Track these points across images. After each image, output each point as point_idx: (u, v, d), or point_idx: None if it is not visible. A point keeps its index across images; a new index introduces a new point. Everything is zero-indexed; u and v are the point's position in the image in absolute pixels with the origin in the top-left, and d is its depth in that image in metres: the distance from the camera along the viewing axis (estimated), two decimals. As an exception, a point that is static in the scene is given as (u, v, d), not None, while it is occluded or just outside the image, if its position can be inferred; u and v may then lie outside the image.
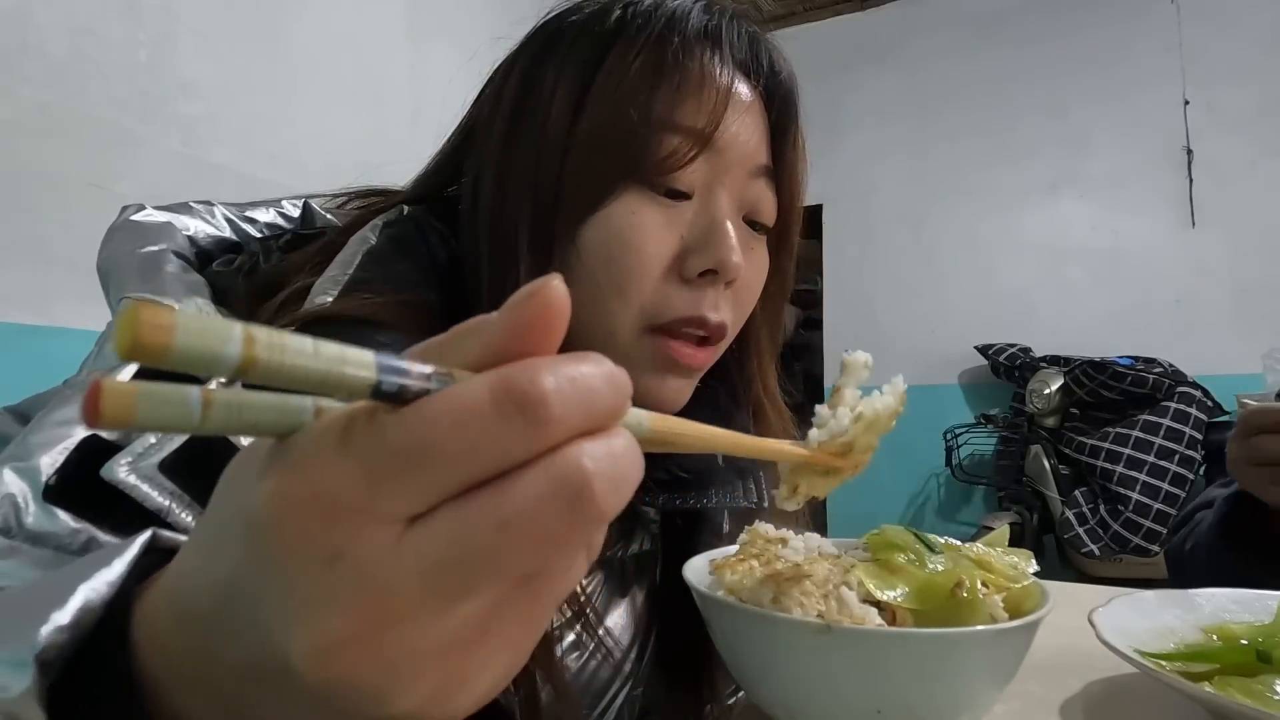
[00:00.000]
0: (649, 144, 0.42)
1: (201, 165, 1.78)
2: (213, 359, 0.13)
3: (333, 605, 0.15)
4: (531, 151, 0.43)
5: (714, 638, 0.40)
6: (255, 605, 0.16)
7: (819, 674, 0.35)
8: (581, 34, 0.45)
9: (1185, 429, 2.49)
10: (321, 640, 0.15)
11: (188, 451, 0.33)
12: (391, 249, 0.43)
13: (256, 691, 0.17)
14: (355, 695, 0.16)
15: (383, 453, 0.15)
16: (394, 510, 0.15)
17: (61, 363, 0.47)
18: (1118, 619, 0.44)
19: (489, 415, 0.15)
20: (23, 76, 1.47)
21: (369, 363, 0.15)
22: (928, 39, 3.42)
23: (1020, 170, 3.23)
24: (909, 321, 3.37)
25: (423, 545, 0.15)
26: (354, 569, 0.15)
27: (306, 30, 2.07)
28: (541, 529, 0.16)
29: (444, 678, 0.17)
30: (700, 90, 0.43)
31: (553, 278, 0.17)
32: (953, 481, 3.08)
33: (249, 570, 0.16)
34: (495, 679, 0.18)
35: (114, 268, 0.42)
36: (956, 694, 0.36)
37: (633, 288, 0.43)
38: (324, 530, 0.15)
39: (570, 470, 0.16)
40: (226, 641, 0.17)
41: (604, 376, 0.17)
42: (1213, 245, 2.89)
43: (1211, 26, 2.93)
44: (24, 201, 1.47)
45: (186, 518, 0.32)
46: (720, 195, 0.45)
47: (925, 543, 0.41)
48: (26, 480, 0.32)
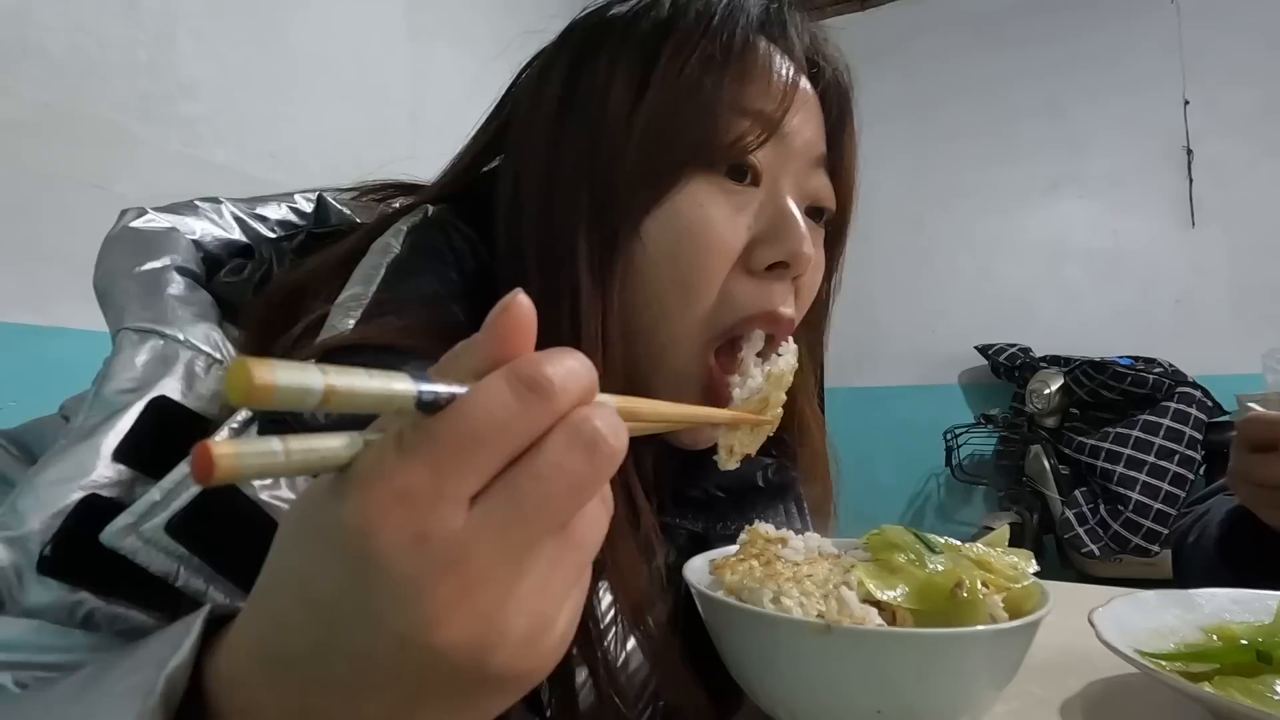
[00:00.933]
0: (717, 126, 0.41)
1: (201, 165, 1.78)
2: (305, 394, 0.16)
3: (431, 577, 0.18)
4: (586, 142, 0.41)
5: (714, 638, 0.40)
6: (365, 603, 0.18)
7: (819, 674, 0.35)
8: (635, 22, 0.43)
9: (1185, 429, 2.49)
10: (430, 609, 0.18)
11: (194, 511, 0.30)
12: (416, 259, 0.41)
13: (363, 695, 0.20)
14: (466, 652, 0.19)
15: (438, 447, 0.18)
16: (459, 491, 0.19)
17: (61, 363, 0.47)
18: (1118, 619, 0.44)
19: (512, 400, 0.19)
20: (23, 76, 1.47)
21: (408, 381, 0.19)
22: (928, 39, 3.42)
23: (1020, 170, 3.23)
24: (909, 321, 3.36)
25: (488, 512, 0.19)
26: (440, 544, 0.18)
27: (306, 30, 2.07)
28: (571, 473, 0.19)
29: (530, 623, 0.20)
30: (768, 75, 0.42)
31: (517, 293, 0.20)
32: (953, 481, 3.08)
33: (351, 576, 0.19)
34: (567, 623, 0.21)
35: (112, 289, 0.39)
36: (956, 694, 0.36)
37: (701, 285, 0.41)
38: (408, 519, 0.18)
39: (581, 424, 0.20)
40: (334, 656, 0.19)
41: (581, 361, 0.21)
42: (1213, 245, 2.88)
43: (1211, 26, 2.93)
44: (24, 201, 1.47)
45: (196, 581, 0.30)
46: (786, 184, 0.43)
47: (925, 543, 0.41)
48: (18, 551, 0.30)
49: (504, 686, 0.21)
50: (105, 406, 0.34)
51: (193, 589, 0.30)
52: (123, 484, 0.32)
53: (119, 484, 0.32)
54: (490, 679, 0.20)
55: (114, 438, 0.32)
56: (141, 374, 0.35)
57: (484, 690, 0.20)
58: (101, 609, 0.30)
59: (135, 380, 0.34)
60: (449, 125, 0.51)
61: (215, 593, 0.30)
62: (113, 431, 0.33)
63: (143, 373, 0.35)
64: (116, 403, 0.34)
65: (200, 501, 0.30)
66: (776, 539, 0.42)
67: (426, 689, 0.20)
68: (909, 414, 3.26)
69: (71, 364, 0.39)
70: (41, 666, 0.28)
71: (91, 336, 0.39)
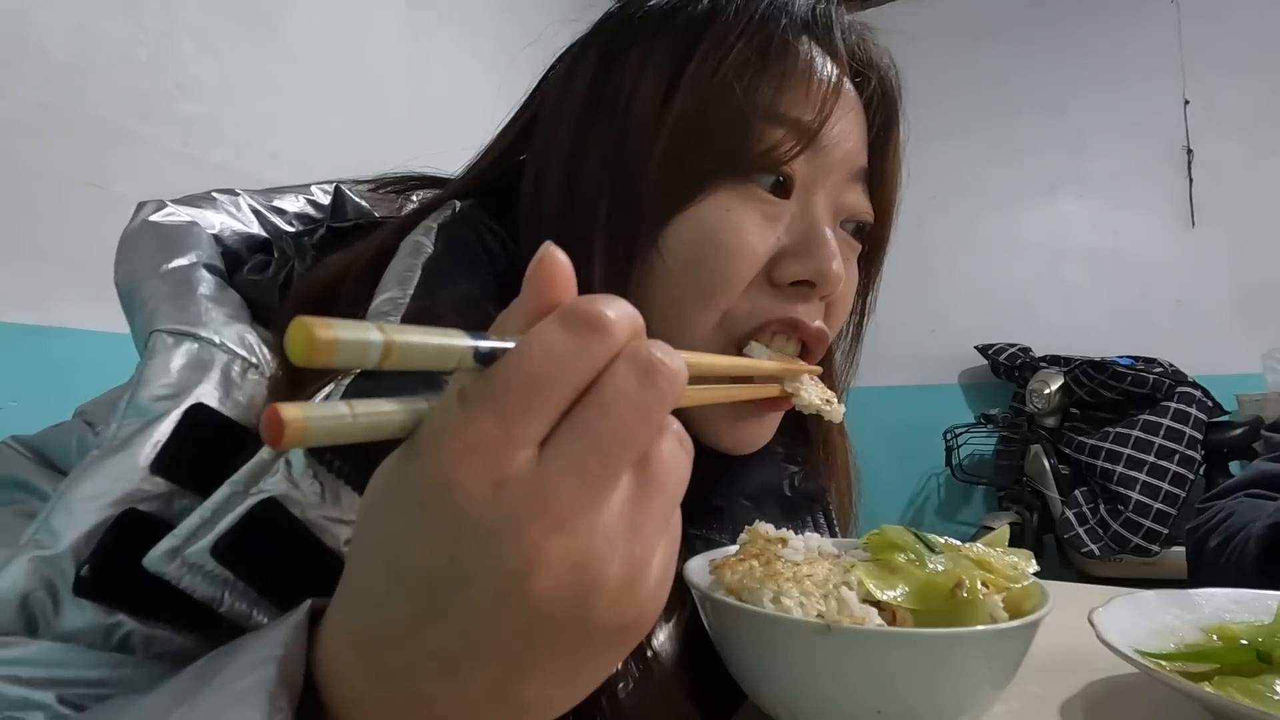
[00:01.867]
0: (750, 134, 0.39)
1: (201, 165, 1.78)
2: (366, 348, 0.16)
3: (517, 522, 0.18)
4: (611, 142, 0.40)
5: (714, 638, 0.40)
6: (456, 562, 0.18)
7: (819, 674, 0.35)
8: (671, 16, 0.41)
9: (1185, 429, 2.49)
10: (522, 554, 0.18)
11: (240, 531, 0.29)
12: (450, 259, 0.39)
13: (466, 669, 0.20)
14: (565, 598, 0.19)
15: (503, 393, 0.18)
16: (528, 434, 0.18)
17: (61, 363, 0.46)
18: (1118, 619, 0.44)
19: (569, 338, 0.19)
20: (23, 76, 1.47)
21: (463, 336, 0.19)
22: (927, 38, 3.41)
23: (1020, 170, 3.23)
24: (909, 321, 3.36)
25: (561, 448, 0.19)
26: (519, 488, 0.18)
27: (306, 30, 2.07)
28: (635, 396, 0.19)
29: (625, 566, 0.19)
30: (808, 80, 0.40)
31: (547, 245, 0.20)
32: (953, 481, 3.07)
33: (437, 536, 0.19)
34: (662, 570, 0.21)
35: (139, 288, 0.37)
36: (956, 694, 0.36)
37: (720, 295, 0.39)
38: (484, 468, 0.18)
39: (637, 352, 0.20)
40: (431, 628, 0.19)
41: (621, 300, 0.20)
42: (1213, 245, 2.88)
43: (1211, 26, 2.93)
44: (24, 201, 1.46)
45: (240, 606, 0.29)
46: (820, 198, 0.41)
47: (925, 543, 0.41)
48: (54, 571, 0.28)
49: (608, 642, 0.20)
50: (141, 414, 0.32)
51: (237, 613, 0.29)
52: (161, 497, 0.31)
53: (158, 498, 0.31)
54: (593, 632, 0.19)
55: (151, 449, 0.31)
56: (177, 379, 0.33)
57: (588, 648, 0.20)
58: (139, 632, 0.29)
59: (171, 386, 0.33)
60: (449, 125, 0.51)
61: (260, 616, 0.29)
62: (150, 442, 0.31)
63: (179, 378, 0.33)
64: (152, 410, 0.32)
65: (246, 522, 0.29)
66: (776, 539, 0.42)
67: (531, 654, 0.19)
68: (909, 414, 3.26)
69: (71, 364, 0.38)
70: (86, 683, 0.28)
71: (92, 336, 0.39)
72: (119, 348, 0.44)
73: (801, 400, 0.39)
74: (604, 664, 0.21)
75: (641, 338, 0.20)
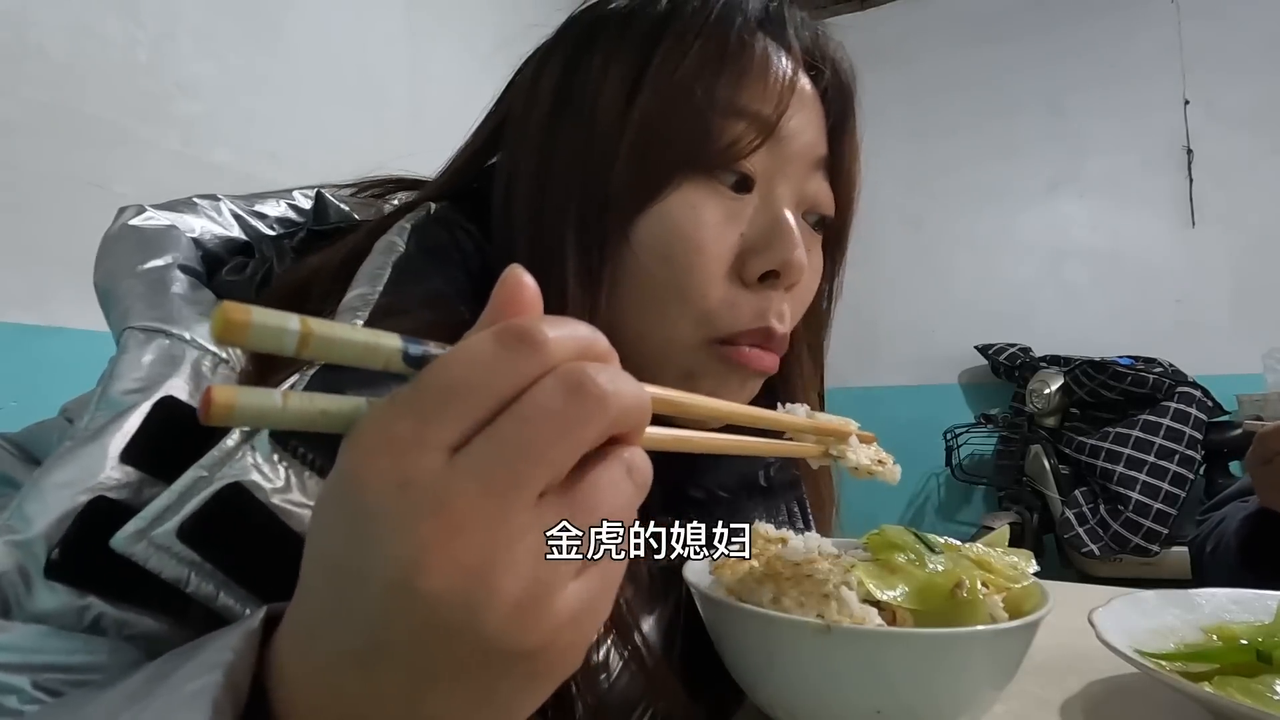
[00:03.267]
0: (711, 129, 0.40)
1: (201, 165, 1.78)
2: (280, 333, 0.17)
3: (413, 520, 0.18)
4: (579, 141, 0.41)
5: (714, 638, 0.40)
6: (359, 554, 0.19)
7: (819, 674, 0.35)
8: (631, 18, 0.42)
9: (1185, 429, 2.49)
10: (412, 552, 0.18)
11: (207, 514, 0.29)
12: (421, 258, 0.40)
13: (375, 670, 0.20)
14: (453, 605, 0.18)
15: (421, 396, 0.19)
16: (441, 437, 0.19)
17: (61, 363, 0.46)
18: (1118, 619, 0.44)
19: (496, 349, 0.19)
20: (23, 76, 1.47)
21: (395, 336, 0.19)
22: (927, 38, 3.42)
23: (1020, 170, 3.23)
24: (909, 321, 3.36)
25: (471, 456, 0.19)
26: (422, 488, 0.18)
27: (306, 29, 2.07)
28: (554, 413, 0.19)
29: (524, 586, 0.19)
30: (765, 75, 0.41)
31: (514, 267, 0.21)
32: (953, 481, 3.07)
33: (347, 528, 0.19)
34: (579, 601, 0.20)
35: (115, 288, 0.38)
36: (956, 694, 0.36)
37: (693, 289, 0.40)
38: (391, 465, 0.18)
39: (570, 368, 0.20)
40: (344, 622, 0.20)
41: (589, 328, 0.21)
42: (1213, 245, 2.88)
43: (1212, 25, 2.93)
44: (24, 201, 1.47)
45: (207, 588, 0.29)
46: (782, 190, 0.43)
47: (925, 543, 0.41)
48: (25, 555, 0.29)
49: (512, 665, 0.20)
50: (112, 407, 0.33)
51: (203, 595, 0.29)
52: (130, 486, 0.31)
53: (127, 486, 0.31)
54: (491, 650, 0.19)
55: (121, 439, 0.32)
56: (148, 373, 0.34)
57: (491, 668, 0.20)
58: (110, 614, 0.30)
59: (142, 380, 0.34)
60: (449, 125, 0.51)
61: (226, 599, 0.30)
62: (120, 432, 0.32)
63: (149, 372, 0.34)
64: (123, 403, 0.33)
65: (212, 505, 0.30)
66: (776, 539, 0.42)
67: (431, 661, 0.19)
68: (909, 414, 3.26)
69: (71, 364, 0.38)
70: (61, 668, 0.28)
71: (91, 336, 0.39)
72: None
73: (849, 463, 0.38)
74: (519, 692, 0.21)
75: (590, 359, 0.20)
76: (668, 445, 0.26)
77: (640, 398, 0.21)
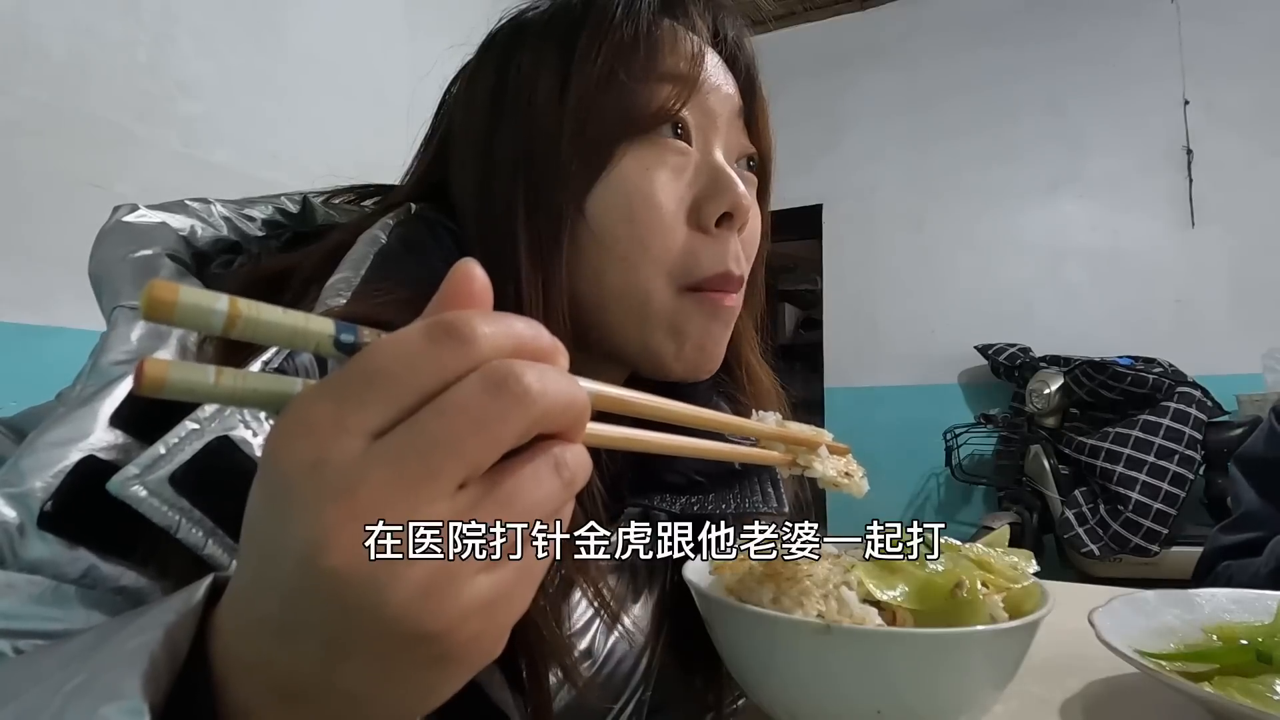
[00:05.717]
0: (638, 99, 0.43)
1: (201, 165, 1.78)
2: (208, 312, 0.17)
3: (322, 499, 0.19)
4: (520, 135, 0.43)
5: (714, 637, 0.40)
6: (275, 529, 0.19)
7: (819, 674, 0.35)
8: (551, 21, 0.46)
9: (1185, 429, 2.49)
10: (318, 529, 0.19)
11: (198, 465, 0.31)
12: (403, 249, 0.43)
13: (294, 642, 0.20)
14: (357, 583, 0.19)
15: (344, 381, 0.20)
16: (359, 422, 0.19)
17: (61, 363, 0.47)
18: (1118, 619, 0.44)
19: (423, 341, 0.20)
20: (23, 76, 1.47)
21: (329, 321, 0.20)
22: (927, 39, 3.42)
23: (1020, 170, 3.23)
24: (909, 321, 3.37)
25: (386, 444, 0.19)
26: (332, 469, 0.19)
27: (306, 29, 2.07)
28: (473, 408, 0.19)
29: (433, 572, 0.19)
30: (676, 46, 0.45)
31: (464, 260, 0.21)
32: (953, 481, 3.08)
33: (266, 503, 0.20)
34: (490, 590, 0.20)
35: (106, 274, 0.40)
36: (956, 694, 0.36)
37: (659, 241, 0.43)
38: (307, 445, 0.19)
39: (495, 365, 0.20)
40: (267, 593, 0.20)
41: (527, 323, 0.21)
42: (1213, 245, 2.89)
43: (1212, 26, 2.93)
44: (24, 201, 1.47)
45: (195, 535, 0.31)
46: (715, 141, 0.46)
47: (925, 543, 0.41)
48: (20, 508, 0.31)
49: (414, 647, 0.20)
50: (102, 376, 0.35)
51: (191, 542, 0.31)
52: (119, 448, 0.33)
53: (116, 448, 0.33)
54: (393, 631, 0.19)
55: (111, 404, 0.34)
56: (136, 347, 0.36)
57: (394, 646, 0.20)
58: (99, 566, 0.31)
59: (130, 353, 0.36)
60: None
61: (214, 547, 0.31)
62: (109, 398, 0.34)
63: (137, 346, 0.36)
64: (112, 373, 0.35)
65: (203, 457, 0.31)
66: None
67: (340, 634, 0.20)
68: (909, 414, 3.26)
69: (71, 364, 0.39)
70: (43, 635, 0.29)
71: (92, 336, 0.40)
72: (119, 347, 0.45)
73: (815, 473, 0.39)
74: (428, 673, 0.21)
75: (526, 356, 0.20)
76: (618, 444, 0.26)
77: (573, 396, 0.21)
